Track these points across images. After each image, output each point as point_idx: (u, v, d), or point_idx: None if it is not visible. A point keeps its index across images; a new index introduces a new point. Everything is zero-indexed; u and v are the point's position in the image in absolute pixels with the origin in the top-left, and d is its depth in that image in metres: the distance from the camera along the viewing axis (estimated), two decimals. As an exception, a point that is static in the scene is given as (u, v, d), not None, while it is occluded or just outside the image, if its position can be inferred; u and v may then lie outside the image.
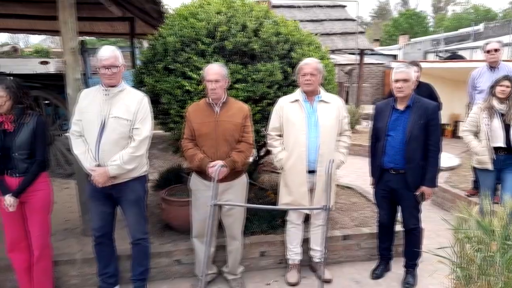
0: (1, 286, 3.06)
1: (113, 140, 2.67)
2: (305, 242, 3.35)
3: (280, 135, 3.12)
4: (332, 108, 3.02)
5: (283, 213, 3.51)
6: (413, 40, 22.91)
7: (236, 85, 3.21)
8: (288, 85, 3.38)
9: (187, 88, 3.24)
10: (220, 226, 3.17)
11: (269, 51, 3.33)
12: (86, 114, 2.72)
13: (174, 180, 4.45)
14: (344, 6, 12.44)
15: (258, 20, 3.38)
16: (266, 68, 3.23)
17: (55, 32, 8.45)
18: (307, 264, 3.43)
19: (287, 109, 3.02)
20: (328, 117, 2.98)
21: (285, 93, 3.32)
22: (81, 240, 3.50)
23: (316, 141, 2.95)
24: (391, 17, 39.28)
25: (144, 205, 2.95)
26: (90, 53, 5.36)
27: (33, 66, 12.97)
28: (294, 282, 3.22)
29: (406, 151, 2.92)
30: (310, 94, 3.00)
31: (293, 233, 3.25)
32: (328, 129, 2.98)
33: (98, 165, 2.70)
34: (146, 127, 2.74)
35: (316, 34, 3.89)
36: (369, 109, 11.79)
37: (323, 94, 3.05)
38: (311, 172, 3.01)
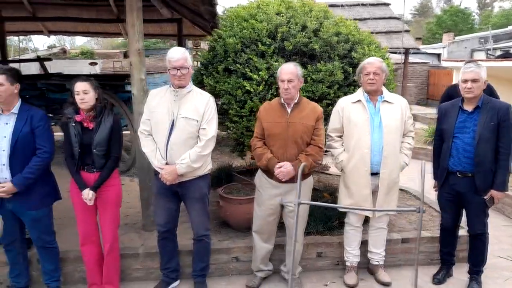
0: (70, 276, 3.23)
1: (182, 139, 2.75)
2: (363, 244, 3.32)
3: (340, 136, 3.10)
4: (396, 109, 2.96)
5: (340, 214, 3.49)
6: (458, 38, 21.98)
7: (297, 86, 3.22)
8: (348, 85, 3.36)
9: (247, 88, 3.28)
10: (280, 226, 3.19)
11: (329, 51, 3.32)
12: (155, 114, 2.82)
13: (225, 179, 4.53)
14: (388, 4, 12.17)
15: (318, 20, 3.37)
16: (327, 68, 3.22)
17: (107, 34, 8.83)
18: (365, 267, 3.39)
19: (348, 110, 2.99)
20: (392, 118, 2.93)
21: (345, 94, 3.30)
22: (142, 234, 3.63)
23: (380, 142, 2.91)
24: (433, 15, 37.95)
25: (208, 202, 3.03)
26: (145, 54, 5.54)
27: (81, 67, 13.59)
28: (352, 284, 3.19)
29: (476, 153, 2.82)
30: (373, 94, 2.96)
31: (352, 235, 3.21)
32: (393, 130, 2.92)
33: (167, 164, 2.79)
34: (212, 127, 2.80)
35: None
36: (413, 109, 11.48)
37: (386, 94, 3.00)
38: (373, 174, 2.96)
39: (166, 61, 2.79)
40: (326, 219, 3.56)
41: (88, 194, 2.78)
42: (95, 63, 13.24)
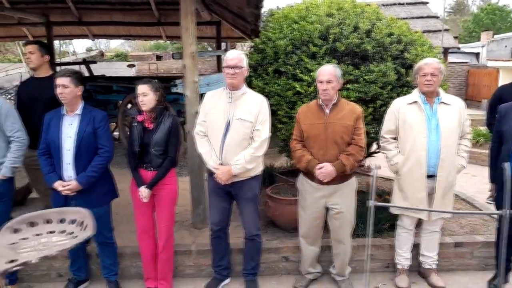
0: (126, 271, 3.35)
1: (236, 140, 2.81)
2: (414, 247, 3.27)
3: (395, 138, 3.06)
4: (453, 110, 2.90)
5: (392, 217, 3.46)
6: (498, 36, 21.13)
7: (348, 86, 3.22)
8: (401, 86, 3.32)
9: (297, 89, 3.31)
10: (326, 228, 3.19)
11: (381, 52, 3.30)
12: (211, 116, 2.89)
13: (268, 179, 4.56)
14: (426, 3, 11.88)
15: (370, 21, 3.35)
16: (380, 69, 3.20)
17: (147, 37, 9.08)
18: (416, 270, 3.34)
19: (404, 111, 2.96)
20: (449, 120, 2.87)
21: (398, 94, 3.27)
22: (192, 232, 3.72)
23: (437, 144, 2.85)
24: (470, 13, 36.71)
25: (259, 202, 3.07)
26: (198, 56, 5.66)
27: (117, 69, 14.01)
28: (404, 286, 3.14)
29: (538, 156, 2.73)
30: (430, 96, 2.91)
31: (405, 238, 3.17)
32: (450, 132, 2.87)
33: (221, 164, 2.85)
34: (266, 128, 2.84)
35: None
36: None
37: (443, 95, 2.95)
38: (430, 176, 2.92)
39: (223, 62, 2.86)
40: (375, 222, 3.52)
41: (143, 192, 2.88)
42: (133, 65, 13.64)
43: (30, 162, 3.26)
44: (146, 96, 2.85)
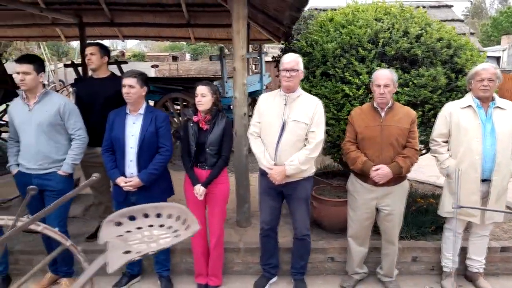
0: (177, 267, 3.44)
1: (291, 142, 2.88)
2: (461, 250, 3.30)
3: (445, 142, 3.10)
4: (508, 115, 2.92)
5: (436, 220, 3.49)
6: (519, 40, 20.89)
7: (398, 89, 3.26)
8: (449, 90, 3.35)
9: (346, 92, 3.37)
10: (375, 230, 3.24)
11: (431, 56, 3.33)
12: (266, 117, 2.96)
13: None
14: (450, 6, 11.81)
15: (420, 26, 3.39)
16: (430, 73, 3.24)
17: (176, 38, 9.20)
18: (462, 274, 3.36)
19: (457, 115, 2.99)
20: (505, 124, 2.90)
21: (447, 99, 3.30)
22: (237, 230, 3.80)
23: (492, 149, 2.88)
24: (488, 16, 36.26)
25: (309, 203, 3.13)
26: (227, 58, 5.77)
27: (141, 70, 14.20)
28: (452, 290, 3.18)
29: None
30: (485, 100, 2.94)
31: (453, 241, 3.20)
32: (506, 137, 2.89)
33: (275, 164, 2.93)
34: (321, 130, 2.90)
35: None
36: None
37: (498, 100, 2.97)
38: (483, 181, 2.95)
39: (280, 64, 2.94)
40: (420, 224, 3.56)
41: (199, 190, 2.97)
42: (156, 66, 13.83)
43: (86, 159, 3.37)
44: (205, 97, 2.93)
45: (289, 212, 3.19)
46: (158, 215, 1.70)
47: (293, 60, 2.87)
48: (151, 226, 1.66)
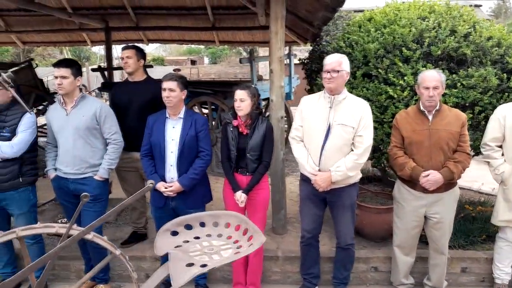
0: (213, 275, 3.34)
1: (337, 146, 2.75)
2: None
3: (499, 146, 2.93)
4: None
5: (485, 228, 3.31)
6: (547, 40, 20.18)
7: (445, 91, 3.11)
8: (501, 91, 3.17)
9: (390, 94, 3.23)
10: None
11: (481, 56, 3.17)
12: (309, 120, 2.84)
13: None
14: (479, 6, 11.50)
15: (468, 24, 3.23)
16: (480, 73, 3.07)
17: (200, 41, 9.19)
18: (513, 286, 3.17)
19: (511, 118, 2.82)
20: None
21: (498, 100, 3.13)
22: (273, 237, 3.68)
23: (553, 154, 2.71)
24: (513, 16, 35.25)
25: (355, 211, 3.00)
26: (257, 61, 5.69)
27: (165, 73, 14.29)
28: (505, 302, 3.00)
29: None
30: (543, 102, 2.77)
31: (507, 251, 3.02)
32: None
33: (319, 170, 2.80)
34: (369, 134, 2.77)
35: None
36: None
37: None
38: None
39: (324, 65, 2.81)
40: (468, 233, 3.38)
41: (240, 196, 2.87)
42: (179, 70, 13.89)
43: (121, 164, 3.32)
44: (244, 102, 2.84)
45: (331, 220, 3.06)
46: (215, 224, 1.61)
47: (334, 61, 2.74)
48: (208, 235, 1.57)
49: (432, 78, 2.69)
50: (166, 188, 2.83)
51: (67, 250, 3.44)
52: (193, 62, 26.01)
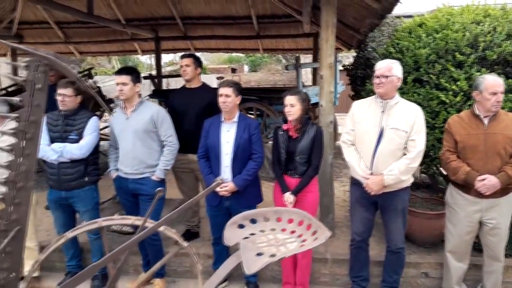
0: (262, 274, 3.45)
1: (389, 150, 2.78)
2: None
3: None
4: None
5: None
6: None
7: (501, 96, 3.05)
8: (561, 96, 3.08)
9: (442, 99, 3.22)
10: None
11: (539, 60, 3.09)
12: (361, 125, 2.90)
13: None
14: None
15: (526, 28, 3.17)
16: (539, 78, 3.00)
17: (245, 50, 9.43)
18: None
19: None
20: None
21: (558, 106, 3.04)
22: (321, 241, 3.73)
23: None
24: None
25: (406, 215, 3.00)
26: (303, 67, 5.80)
27: (210, 81, 14.73)
28: None
29: None
30: None
31: None
32: None
33: (371, 174, 2.84)
34: (422, 139, 2.78)
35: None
36: None
37: None
38: None
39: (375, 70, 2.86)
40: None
41: (289, 198, 2.96)
42: (222, 77, 14.26)
43: (178, 165, 3.52)
44: (294, 107, 2.93)
45: (378, 224, 3.08)
46: (278, 219, 1.71)
47: (384, 66, 2.79)
48: (273, 229, 1.67)
49: (499, 83, 2.68)
50: (221, 188, 2.97)
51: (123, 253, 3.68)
52: (233, 70, 26.48)
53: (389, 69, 2.79)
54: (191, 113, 3.46)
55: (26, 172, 1.74)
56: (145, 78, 8.49)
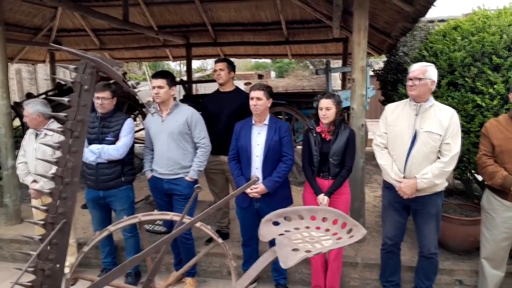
0: (291, 276, 3.45)
1: (423, 153, 2.75)
2: None
3: None
4: None
5: None
6: None
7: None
8: None
9: (478, 103, 3.15)
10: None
11: None
12: (394, 128, 2.88)
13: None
14: None
15: None
16: None
17: (273, 56, 9.52)
18: None
19: None
20: None
21: None
22: (352, 245, 3.65)
23: None
24: None
25: (440, 219, 2.95)
26: (333, 71, 5.81)
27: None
28: None
29: None
30: None
31: None
32: None
33: (404, 177, 2.82)
34: (457, 142, 2.73)
35: None
36: None
37: None
38: None
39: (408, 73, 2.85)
40: None
41: (323, 199, 2.96)
42: (250, 83, 14.41)
43: (210, 166, 3.59)
44: (329, 110, 2.94)
45: (410, 230, 3.04)
46: (312, 218, 1.74)
47: (418, 69, 2.76)
48: (307, 227, 1.70)
49: None
50: (251, 189, 3.01)
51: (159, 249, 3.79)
52: (260, 76, 26.63)
53: (423, 72, 2.76)
54: (223, 116, 3.54)
55: (73, 168, 1.86)
56: (176, 83, 8.74)
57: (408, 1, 3.64)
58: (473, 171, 3.49)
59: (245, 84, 14.16)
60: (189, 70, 8.84)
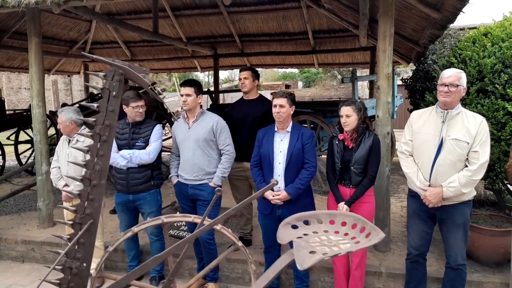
0: (313, 285, 3.42)
1: (450, 161, 2.68)
2: None
3: None
4: None
5: None
6: None
7: None
8: None
9: (508, 110, 3.06)
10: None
11: None
12: (420, 135, 2.82)
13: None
14: None
15: None
16: None
17: (299, 65, 9.56)
18: None
19: None
20: None
21: None
22: (376, 255, 3.63)
23: None
24: None
25: (468, 230, 2.86)
26: (359, 80, 5.78)
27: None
28: None
29: None
30: None
31: None
32: None
33: (429, 185, 2.75)
34: (486, 150, 2.65)
35: None
36: None
37: None
38: None
39: (439, 79, 2.79)
40: None
41: (342, 208, 2.93)
42: (275, 92, 14.53)
43: (233, 172, 3.64)
44: (350, 118, 2.93)
45: (437, 241, 2.95)
46: (331, 222, 1.73)
47: (453, 75, 2.70)
48: (326, 231, 1.70)
49: None
50: (273, 196, 3.02)
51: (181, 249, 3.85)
52: (287, 87, 26.70)
53: (458, 78, 2.69)
54: (247, 123, 3.59)
55: (100, 171, 1.94)
56: (204, 93, 8.91)
57: (435, 8, 3.60)
58: (505, 181, 3.36)
59: (272, 94, 14.22)
60: (216, 80, 9.00)
